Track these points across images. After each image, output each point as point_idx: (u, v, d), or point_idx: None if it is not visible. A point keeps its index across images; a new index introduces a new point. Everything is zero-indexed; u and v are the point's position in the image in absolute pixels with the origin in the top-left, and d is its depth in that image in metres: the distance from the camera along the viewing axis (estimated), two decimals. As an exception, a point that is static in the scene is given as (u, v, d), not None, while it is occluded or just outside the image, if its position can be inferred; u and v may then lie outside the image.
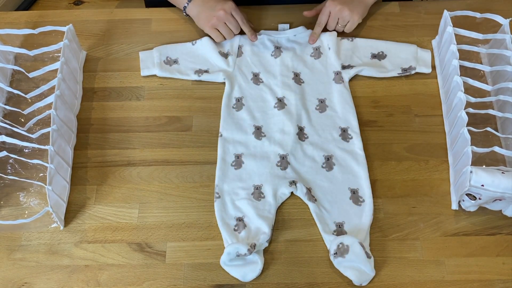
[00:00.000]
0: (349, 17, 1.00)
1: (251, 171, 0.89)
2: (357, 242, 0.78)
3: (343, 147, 0.91)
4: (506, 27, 0.93)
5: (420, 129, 0.94)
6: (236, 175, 0.88)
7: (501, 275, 0.80)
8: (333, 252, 0.79)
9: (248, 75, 1.00)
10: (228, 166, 0.89)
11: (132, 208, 0.87)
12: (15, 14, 1.12)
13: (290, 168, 0.89)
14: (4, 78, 0.98)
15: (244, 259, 0.79)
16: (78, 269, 0.82)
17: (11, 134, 0.88)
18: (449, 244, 0.82)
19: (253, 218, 0.83)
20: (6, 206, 0.87)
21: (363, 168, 0.88)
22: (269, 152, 0.91)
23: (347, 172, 0.88)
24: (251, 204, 0.84)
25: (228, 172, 0.88)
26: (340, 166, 0.89)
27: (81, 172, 0.91)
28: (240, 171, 0.88)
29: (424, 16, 1.08)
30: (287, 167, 0.89)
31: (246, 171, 0.88)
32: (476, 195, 0.80)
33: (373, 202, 0.84)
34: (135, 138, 0.94)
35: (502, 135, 0.87)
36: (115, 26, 1.09)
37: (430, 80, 1.00)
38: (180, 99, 0.99)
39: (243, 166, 0.89)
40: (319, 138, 0.92)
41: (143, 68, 1.02)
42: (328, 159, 0.90)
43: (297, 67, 1.01)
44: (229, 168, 0.89)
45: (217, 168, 0.89)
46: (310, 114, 0.95)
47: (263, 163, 0.89)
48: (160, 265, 0.82)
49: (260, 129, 0.93)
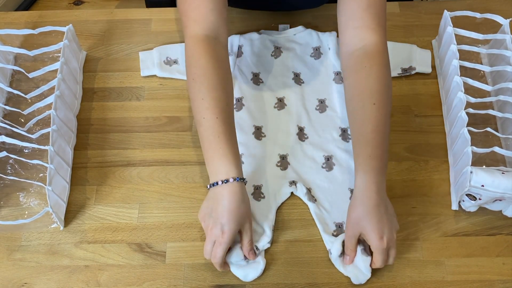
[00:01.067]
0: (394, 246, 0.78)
1: (251, 172, 0.89)
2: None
3: (343, 147, 0.91)
4: (506, 27, 0.93)
5: (420, 129, 0.94)
6: None
7: (501, 275, 0.80)
8: (339, 253, 0.79)
9: (248, 75, 1.00)
10: None
11: (132, 209, 0.87)
12: (15, 14, 1.12)
13: (290, 169, 0.89)
14: (4, 78, 0.98)
15: (247, 260, 0.80)
16: (78, 269, 0.82)
17: (11, 134, 0.88)
18: (449, 244, 0.83)
19: (254, 220, 0.83)
20: (6, 207, 0.87)
21: None
22: (269, 152, 0.90)
23: (347, 172, 0.88)
24: (251, 204, 0.84)
25: None
26: (340, 166, 0.89)
27: (81, 172, 0.91)
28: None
29: (424, 16, 1.08)
30: (287, 167, 0.89)
31: (246, 171, 0.88)
32: (476, 196, 0.80)
33: None
34: (135, 138, 0.94)
35: (502, 135, 0.87)
36: (115, 26, 1.09)
37: (430, 80, 1.00)
38: (180, 99, 0.99)
39: (242, 166, 0.89)
40: (319, 139, 0.92)
41: (143, 68, 1.02)
42: (328, 159, 0.90)
43: (297, 67, 1.00)
44: None
45: None
46: (310, 114, 0.95)
47: (263, 163, 0.89)
48: (160, 266, 0.82)
49: (260, 129, 0.93)
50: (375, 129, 0.79)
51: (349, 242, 0.78)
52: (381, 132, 0.80)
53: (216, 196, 0.76)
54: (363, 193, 0.76)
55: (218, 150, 0.77)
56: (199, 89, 0.80)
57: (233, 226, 0.75)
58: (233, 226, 0.75)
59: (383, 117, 0.80)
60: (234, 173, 0.76)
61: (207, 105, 0.78)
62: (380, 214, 0.75)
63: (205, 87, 0.79)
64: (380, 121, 0.80)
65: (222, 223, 0.74)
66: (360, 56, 0.84)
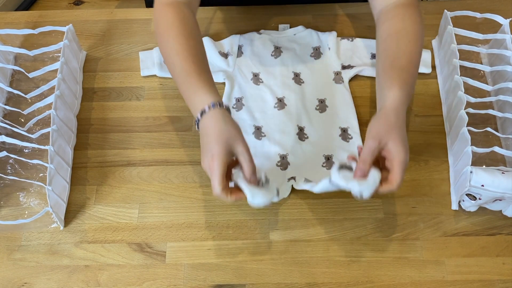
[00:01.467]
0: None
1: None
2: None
3: (343, 147, 0.91)
4: (506, 27, 0.93)
5: (420, 129, 0.94)
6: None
7: (501, 275, 0.80)
8: (339, 167, 0.73)
9: (248, 75, 1.00)
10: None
11: (132, 208, 0.87)
12: (15, 14, 1.12)
13: (290, 168, 0.89)
14: (4, 78, 0.98)
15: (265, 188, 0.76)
16: (78, 269, 0.82)
17: (11, 134, 0.88)
18: (449, 244, 0.83)
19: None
20: (6, 206, 0.87)
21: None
22: (269, 152, 0.91)
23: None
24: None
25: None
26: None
27: (81, 172, 0.91)
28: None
29: (424, 16, 1.08)
30: (287, 167, 0.89)
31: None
32: (476, 195, 0.80)
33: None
34: (135, 138, 0.94)
35: (502, 135, 0.87)
36: (115, 26, 1.09)
37: (430, 80, 1.00)
38: (180, 99, 0.98)
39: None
40: (319, 138, 0.92)
41: (143, 68, 1.02)
42: (328, 159, 0.90)
43: (297, 67, 1.00)
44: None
45: None
46: (310, 114, 0.95)
47: (263, 163, 0.89)
48: (160, 265, 0.82)
49: (260, 129, 0.93)
50: (411, 61, 0.80)
51: (369, 153, 0.71)
52: (415, 65, 0.80)
53: (202, 132, 0.75)
54: (398, 107, 0.73)
55: (191, 87, 0.77)
56: (167, 41, 0.81)
57: (220, 149, 0.72)
58: (219, 149, 0.72)
59: (417, 54, 0.81)
60: (209, 100, 0.75)
61: (175, 52, 0.79)
62: (405, 133, 0.73)
63: (172, 37, 0.80)
64: (415, 56, 0.80)
65: (210, 151, 0.72)
66: (394, 6, 0.85)
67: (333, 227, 0.84)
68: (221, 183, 0.71)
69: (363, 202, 0.86)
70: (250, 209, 0.86)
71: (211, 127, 0.74)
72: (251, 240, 0.84)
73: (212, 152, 0.72)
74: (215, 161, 0.71)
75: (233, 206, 0.86)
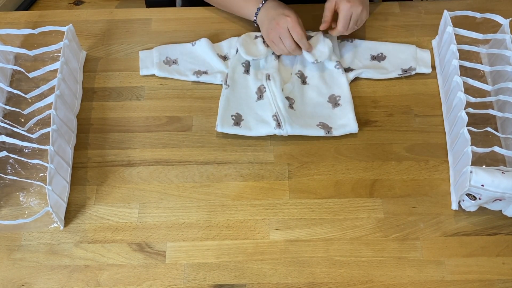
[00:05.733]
0: (365, 17, 0.96)
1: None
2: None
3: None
4: (506, 27, 0.93)
5: (420, 129, 0.94)
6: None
7: (501, 275, 0.80)
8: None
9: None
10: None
11: (132, 208, 0.87)
12: (15, 14, 1.12)
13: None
14: (4, 78, 0.98)
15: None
16: (78, 269, 0.82)
17: (11, 134, 0.88)
18: (449, 244, 0.83)
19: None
20: (6, 206, 0.87)
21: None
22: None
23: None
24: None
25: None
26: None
27: (81, 172, 0.91)
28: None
29: (424, 16, 1.09)
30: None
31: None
32: (476, 195, 0.80)
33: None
34: (135, 138, 0.94)
35: (502, 135, 0.87)
36: (115, 26, 1.09)
37: (430, 80, 1.00)
38: (180, 99, 0.99)
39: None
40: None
41: (142, 67, 1.02)
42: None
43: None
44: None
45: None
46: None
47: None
48: (160, 265, 0.82)
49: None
50: None
51: (328, 10, 0.95)
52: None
53: (263, 18, 0.95)
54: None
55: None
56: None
57: (292, 10, 0.93)
58: (290, 10, 0.93)
59: None
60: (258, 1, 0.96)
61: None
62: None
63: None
64: None
65: (283, 14, 0.92)
66: None
67: (333, 227, 0.84)
68: (303, 29, 0.92)
69: (363, 202, 0.86)
70: (250, 209, 0.86)
71: (273, 7, 0.94)
72: (251, 240, 0.84)
73: (285, 14, 0.92)
74: (291, 15, 0.91)
75: (233, 206, 0.86)
